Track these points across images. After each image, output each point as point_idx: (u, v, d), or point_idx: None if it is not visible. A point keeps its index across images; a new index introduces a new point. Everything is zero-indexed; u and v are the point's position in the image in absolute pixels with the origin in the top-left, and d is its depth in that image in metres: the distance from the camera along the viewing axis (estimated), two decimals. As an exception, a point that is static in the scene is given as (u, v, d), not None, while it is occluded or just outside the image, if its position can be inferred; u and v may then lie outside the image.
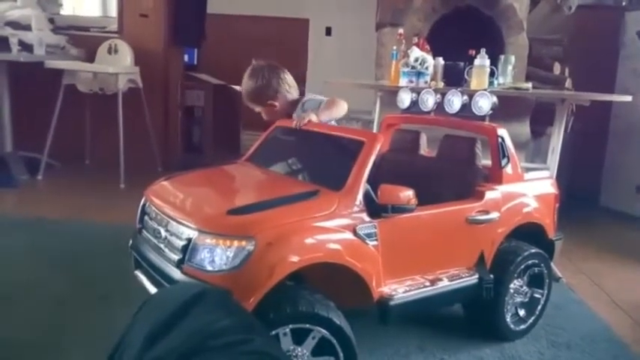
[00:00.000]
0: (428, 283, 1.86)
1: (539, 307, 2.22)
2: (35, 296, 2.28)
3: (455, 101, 2.19)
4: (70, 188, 4.12)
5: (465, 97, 2.18)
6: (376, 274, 1.70)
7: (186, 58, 5.76)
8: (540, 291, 2.21)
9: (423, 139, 2.39)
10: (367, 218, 1.70)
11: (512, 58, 3.08)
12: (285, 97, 2.26)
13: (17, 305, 2.21)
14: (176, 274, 1.58)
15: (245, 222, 1.55)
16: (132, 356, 1.09)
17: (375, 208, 1.70)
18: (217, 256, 1.51)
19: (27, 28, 4.22)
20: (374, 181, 1.76)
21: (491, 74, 2.88)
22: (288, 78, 2.28)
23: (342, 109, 2.21)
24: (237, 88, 6.26)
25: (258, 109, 2.31)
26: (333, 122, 2.22)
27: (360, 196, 1.70)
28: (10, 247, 2.80)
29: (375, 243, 1.70)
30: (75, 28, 4.88)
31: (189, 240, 1.57)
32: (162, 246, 1.72)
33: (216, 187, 2.01)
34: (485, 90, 2.34)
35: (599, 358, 2.10)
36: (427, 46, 3.09)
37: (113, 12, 5.05)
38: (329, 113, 2.17)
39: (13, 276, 2.46)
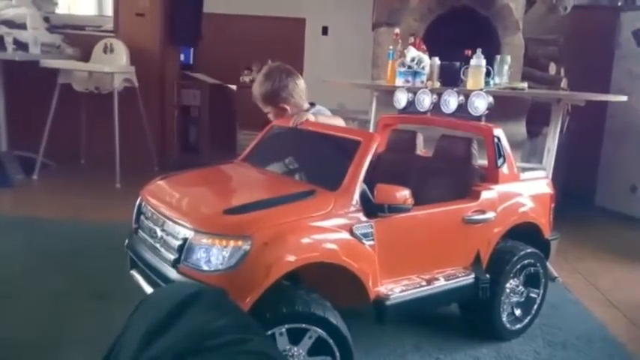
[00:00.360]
0: (424, 283, 1.86)
1: (535, 307, 2.23)
2: (33, 296, 2.27)
3: (451, 101, 2.20)
4: (65, 188, 4.10)
5: (461, 97, 2.18)
6: (372, 274, 1.71)
7: (182, 57, 5.74)
8: (536, 290, 2.21)
9: (420, 139, 2.40)
10: (364, 218, 1.70)
11: (508, 58, 3.09)
12: (297, 103, 2.26)
13: (15, 305, 2.20)
14: (172, 273, 1.58)
15: (241, 222, 1.54)
16: (128, 357, 1.08)
17: (371, 208, 1.70)
18: (213, 255, 1.51)
19: (22, 26, 4.21)
20: (370, 180, 1.76)
21: (487, 74, 2.88)
22: (302, 85, 2.28)
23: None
24: (233, 87, 6.27)
25: (267, 109, 2.30)
26: None
27: (356, 196, 1.70)
28: (6, 247, 2.79)
29: (371, 243, 1.70)
30: (70, 27, 4.86)
31: (185, 240, 1.57)
32: (158, 246, 1.71)
33: (212, 187, 2.01)
34: (481, 90, 2.35)
35: (594, 357, 2.11)
36: (423, 46, 3.09)
37: (109, 11, 5.03)
38: (326, 121, 2.18)
39: (11, 276, 2.45)
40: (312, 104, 2.32)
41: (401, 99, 2.39)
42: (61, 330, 2.02)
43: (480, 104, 2.12)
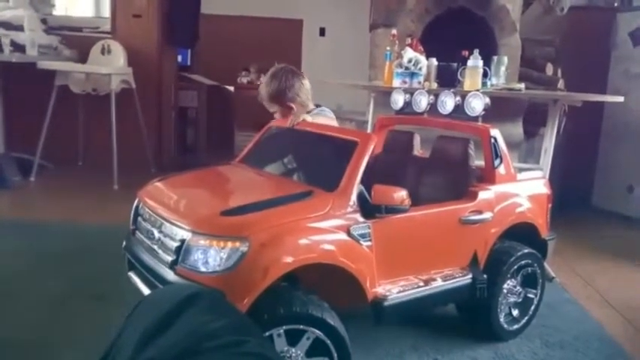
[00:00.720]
0: (422, 284, 1.86)
1: (533, 307, 2.23)
2: (31, 297, 2.27)
3: (448, 102, 2.20)
4: (62, 190, 4.09)
5: (458, 98, 2.18)
6: (370, 275, 1.71)
7: (179, 58, 5.74)
8: (534, 291, 2.22)
9: (417, 140, 2.40)
10: (361, 219, 1.70)
11: (505, 59, 3.09)
12: (303, 103, 2.27)
13: (13, 306, 2.20)
14: (169, 275, 1.58)
15: (239, 223, 1.55)
16: (125, 358, 1.08)
17: (368, 209, 1.70)
18: (211, 257, 1.51)
19: (19, 28, 4.20)
20: (368, 181, 1.76)
21: (484, 75, 2.89)
22: (308, 85, 2.30)
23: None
24: (230, 88, 6.26)
25: (274, 109, 2.30)
26: None
27: (353, 197, 1.70)
28: (3, 248, 2.79)
29: (368, 243, 1.70)
30: (67, 29, 4.86)
31: (182, 241, 1.57)
32: (155, 247, 1.71)
33: (209, 188, 2.01)
34: (478, 91, 2.35)
35: (591, 357, 2.11)
36: (420, 47, 3.10)
37: (106, 12, 5.03)
38: (322, 122, 2.19)
39: (8, 277, 2.44)
40: (318, 105, 2.33)
41: (398, 100, 2.39)
42: (60, 331, 2.02)
43: (477, 105, 2.12)
